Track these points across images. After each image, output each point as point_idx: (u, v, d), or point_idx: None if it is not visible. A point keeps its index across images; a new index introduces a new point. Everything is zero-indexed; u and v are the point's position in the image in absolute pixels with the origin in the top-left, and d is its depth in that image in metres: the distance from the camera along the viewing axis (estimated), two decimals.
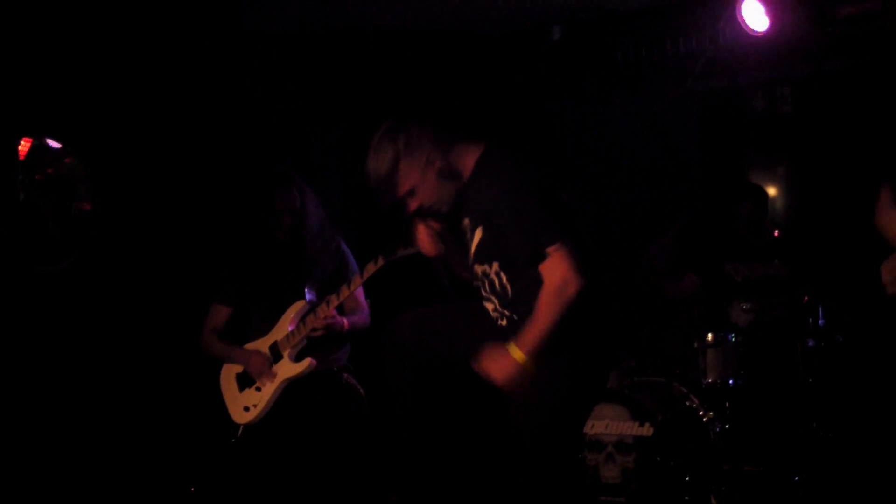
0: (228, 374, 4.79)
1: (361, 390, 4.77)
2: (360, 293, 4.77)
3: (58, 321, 5.31)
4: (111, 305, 5.49)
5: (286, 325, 4.65)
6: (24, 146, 5.34)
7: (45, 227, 5.36)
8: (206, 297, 4.93)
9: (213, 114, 5.88)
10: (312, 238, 4.73)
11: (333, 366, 4.72)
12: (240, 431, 4.68)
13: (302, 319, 4.63)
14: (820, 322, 5.37)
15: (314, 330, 4.55)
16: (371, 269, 4.42)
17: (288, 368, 4.61)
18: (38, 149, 5.42)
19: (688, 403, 5.29)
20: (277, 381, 4.61)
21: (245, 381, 4.71)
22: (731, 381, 5.35)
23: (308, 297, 4.67)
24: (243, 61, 5.99)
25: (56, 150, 5.50)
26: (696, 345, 5.44)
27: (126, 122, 5.59)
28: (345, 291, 4.52)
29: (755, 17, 5.45)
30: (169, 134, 5.75)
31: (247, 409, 4.66)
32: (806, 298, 5.45)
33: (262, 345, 4.70)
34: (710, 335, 5.42)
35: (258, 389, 4.65)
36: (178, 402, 5.51)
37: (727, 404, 5.31)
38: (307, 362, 4.58)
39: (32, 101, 5.26)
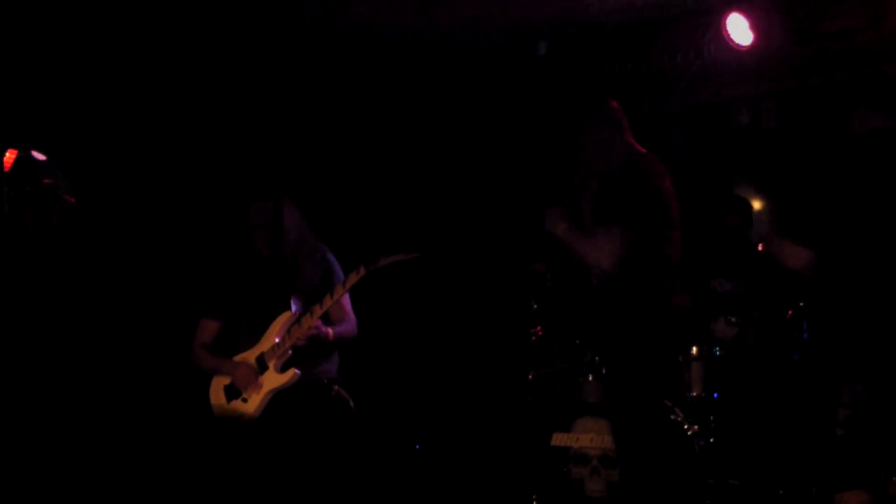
0: (217, 385, 4.79)
1: (351, 402, 4.77)
2: (346, 302, 4.78)
3: (41, 335, 5.29)
4: (95, 318, 5.48)
5: (273, 336, 4.66)
6: (9, 158, 5.32)
7: (28, 241, 5.34)
8: (192, 309, 4.93)
9: (199, 125, 5.89)
10: (291, 250, 4.74)
11: (323, 377, 4.73)
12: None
13: (288, 330, 4.63)
14: (804, 336, 5.38)
15: (298, 340, 4.56)
16: (353, 278, 4.46)
17: (273, 379, 4.61)
18: (23, 161, 5.40)
19: (673, 417, 5.29)
20: (263, 391, 4.62)
21: (232, 393, 4.72)
22: (715, 395, 5.35)
23: (294, 308, 4.67)
24: (230, 73, 6.00)
25: (41, 162, 5.48)
26: (680, 359, 5.44)
27: (109, 134, 5.60)
28: (328, 301, 4.54)
29: (740, 31, 5.48)
30: (154, 145, 5.75)
31: (236, 419, 4.66)
32: (790, 312, 5.46)
33: (250, 356, 4.71)
34: (694, 349, 5.42)
35: (244, 400, 4.66)
36: (165, 413, 5.50)
37: (712, 418, 5.31)
38: (291, 373, 4.59)
39: (17, 110, 5.26)
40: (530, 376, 5.74)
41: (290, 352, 4.61)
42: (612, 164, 4.48)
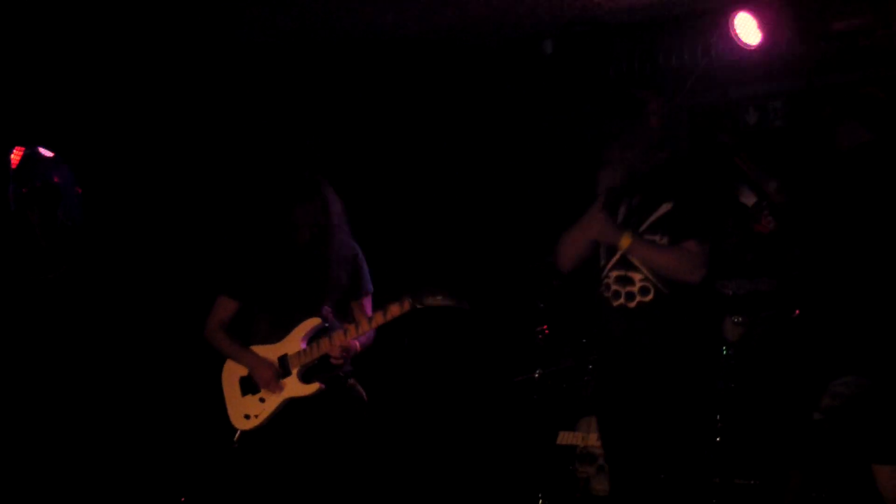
0: (232, 374, 4.65)
1: (365, 396, 4.69)
2: (368, 306, 4.68)
3: (47, 331, 5.30)
4: (101, 315, 5.48)
5: (298, 339, 4.53)
6: (16, 155, 5.32)
7: (34, 238, 5.34)
8: (203, 296, 4.78)
9: (205, 122, 5.90)
10: (335, 254, 4.57)
11: (339, 371, 4.61)
12: (237, 436, 4.59)
13: (315, 339, 4.51)
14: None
15: (333, 359, 4.45)
16: (395, 311, 4.34)
17: (295, 387, 4.50)
18: (31, 158, 5.41)
19: None
20: (283, 396, 4.51)
21: (249, 387, 4.59)
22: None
23: (323, 312, 4.54)
24: (239, 71, 6.00)
25: (48, 159, 5.48)
26: None
27: (115, 128, 5.61)
28: (364, 326, 4.42)
29: (748, 31, 5.46)
30: (159, 142, 5.76)
31: (247, 416, 4.56)
32: (797, 312, 5.45)
33: (271, 353, 4.56)
34: None
35: (262, 400, 4.55)
36: (171, 409, 5.50)
37: (718, 417, 5.30)
38: (316, 386, 4.48)
39: (29, 110, 5.27)
40: (536, 374, 5.74)
41: (316, 361, 4.50)
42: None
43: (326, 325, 4.53)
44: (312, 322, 4.53)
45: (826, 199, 4.48)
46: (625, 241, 3.95)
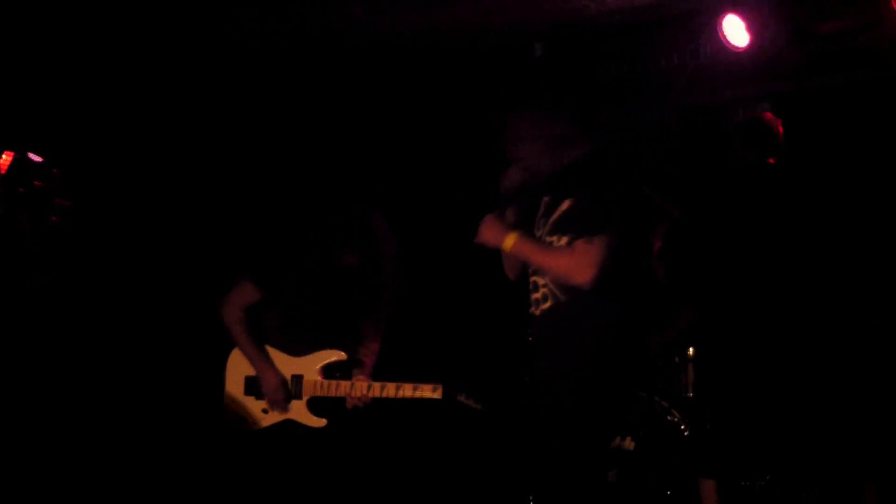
0: (239, 367, 4.53)
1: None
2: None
3: (39, 336, 5.29)
4: (92, 320, 5.48)
5: (316, 368, 4.44)
6: (5, 160, 5.32)
7: (25, 242, 5.34)
8: (198, 303, 4.74)
9: (195, 126, 5.90)
10: (387, 283, 4.50)
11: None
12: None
13: (332, 371, 4.43)
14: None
15: (349, 402, 4.38)
16: (426, 393, 4.24)
17: (302, 414, 4.42)
18: (20, 162, 5.40)
19: (669, 418, 5.30)
20: (286, 416, 4.43)
21: (253, 390, 4.48)
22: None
23: (347, 347, 4.46)
24: (233, 71, 6.01)
25: (38, 163, 5.47)
26: (677, 359, 5.44)
27: (103, 130, 5.61)
28: (390, 392, 4.32)
29: (736, 32, 5.48)
30: (151, 147, 5.76)
31: (243, 419, 4.49)
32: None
33: (286, 367, 4.46)
34: (691, 350, 5.43)
35: (264, 412, 4.46)
36: (162, 416, 5.49)
37: (684, 427, 5.31)
38: (323, 422, 4.40)
39: (21, 114, 5.27)
40: (527, 378, 5.73)
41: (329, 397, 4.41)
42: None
43: (345, 360, 4.45)
44: (336, 355, 4.44)
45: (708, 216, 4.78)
46: (507, 243, 3.69)
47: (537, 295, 3.75)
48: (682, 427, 5.25)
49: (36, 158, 5.47)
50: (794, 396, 4.91)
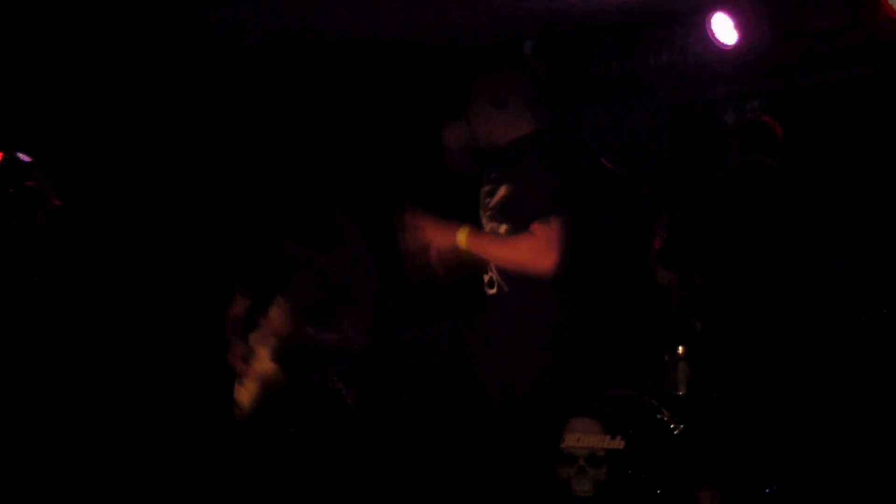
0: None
1: (350, 397, 4.61)
2: None
3: (28, 337, 5.29)
4: (82, 321, 5.48)
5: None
6: None
7: (13, 242, 5.33)
8: (183, 311, 4.75)
9: (182, 128, 5.89)
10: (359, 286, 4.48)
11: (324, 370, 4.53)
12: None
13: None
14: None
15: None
16: None
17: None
18: (10, 163, 5.39)
19: (659, 416, 5.30)
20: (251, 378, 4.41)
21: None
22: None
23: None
24: (219, 75, 6.00)
25: (28, 163, 5.47)
26: (667, 357, 5.45)
27: (93, 131, 5.60)
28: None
29: (725, 30, 5.48)
30: (140, 148, 5.75)
31: (237, 405, 4.48)
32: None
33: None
34: (681, 348, 5.43)
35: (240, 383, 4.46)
36: (150, 418, 5.49)
37: (673, 427, 5.31)
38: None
39: (13, 113, 5.26)
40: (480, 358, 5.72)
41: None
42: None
43: None
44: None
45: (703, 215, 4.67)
46: (461, 241, 3.55)
47: (486, 276, 3.67)
48: (672, 426, 5.25)
49: (26, 158, 5.47)
50: (802, 401, 4.85)
